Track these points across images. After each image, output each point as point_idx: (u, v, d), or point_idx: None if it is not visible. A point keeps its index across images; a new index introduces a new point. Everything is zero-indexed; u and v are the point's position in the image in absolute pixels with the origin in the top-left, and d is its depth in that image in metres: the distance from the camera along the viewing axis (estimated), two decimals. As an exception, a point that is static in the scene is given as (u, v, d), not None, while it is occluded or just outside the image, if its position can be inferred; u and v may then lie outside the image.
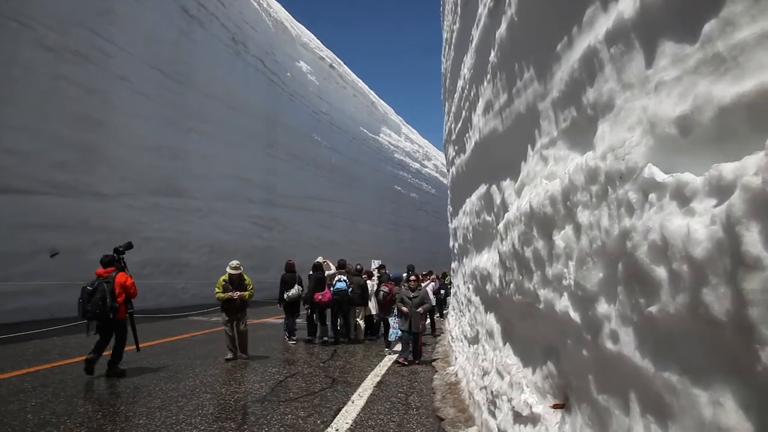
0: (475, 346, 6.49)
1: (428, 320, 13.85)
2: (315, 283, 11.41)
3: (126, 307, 7.31)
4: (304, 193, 30.60)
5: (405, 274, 11.17)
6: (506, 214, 4.20)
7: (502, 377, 4.25)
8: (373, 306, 12.42)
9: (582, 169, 2.44)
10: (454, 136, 9.22)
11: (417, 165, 52.33)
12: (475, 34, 5.81)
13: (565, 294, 2.70)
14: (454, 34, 8.15)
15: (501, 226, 4.26)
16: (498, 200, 5.07)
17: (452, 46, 8.71)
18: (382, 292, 11.36)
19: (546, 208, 2.90)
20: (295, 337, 11.51)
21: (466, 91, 6.93)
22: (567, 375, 2.91)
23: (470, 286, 7.42)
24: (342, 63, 37.64)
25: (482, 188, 6.08)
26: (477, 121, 5.96)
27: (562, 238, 2.72)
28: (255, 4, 25.75)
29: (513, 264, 3.78)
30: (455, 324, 9.82)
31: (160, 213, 18.32)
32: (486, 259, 5.76)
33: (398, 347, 9.92)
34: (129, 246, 8.03)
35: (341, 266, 12.07)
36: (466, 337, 7.64)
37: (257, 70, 25.72)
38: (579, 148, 2.82)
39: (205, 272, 20.30)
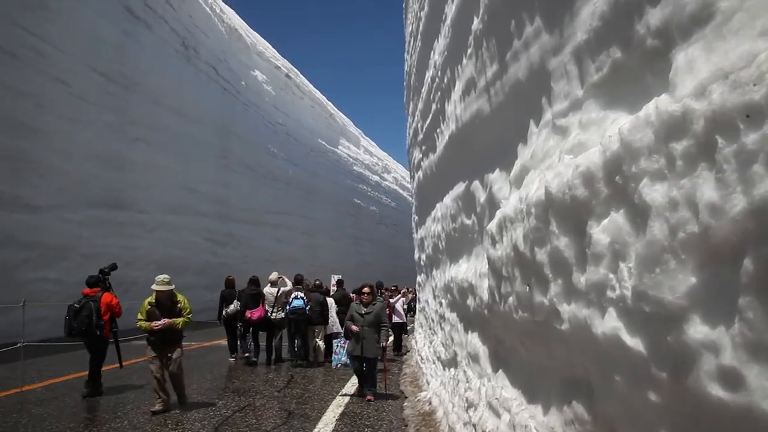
0: (453, 370, 5.64)
1: (390, 338, 12.99)
2: (247, 299, 10.91)
3: (110, 326, 7.57)
4: (260, 207, 29.38)
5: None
6: (499, 212, 3.39)
7: (499, 415, 3.40)
8: (332, 324, 11.48)
9: (649, 122, 1.63)
10: (420, 136, 8.44)
11: (376, 178, 51.64)
12: (450, 10, 5.05)
13: (612, 309, 1.87)
14: (422, 21, 7.39)
15: (492, 226, 3.44)
16: (482, 198, 4.27)
17: (419, 37, 7.96)
18: None
19: (575, 190, 2.09)
20: (234, 356, 11.26)
21: (437, 80, 6.15)
22: (611, 423, 2.07)
23: (443, 300, 6.59)
24: (299, 73, 36.72)
25: (459, 187, 5.28)
26: (452, 110, 5.18)
27: (605, 229, 1.90)
28: (207, 9, 24.65)
29: (514, 272, 2.95)
30: (424, 343, 8.97)
31: (102, 227, 16.89)
32: (466, 269, 4.94)
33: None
34: (114, 267, 8.39)
35: (298, 282, 11.09)
36: (439, 358, 6.79)
37: (209, 77, 24.56)
38: (625, 102, 2.02)
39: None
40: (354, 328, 7.52)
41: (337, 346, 8.74)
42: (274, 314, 11.08)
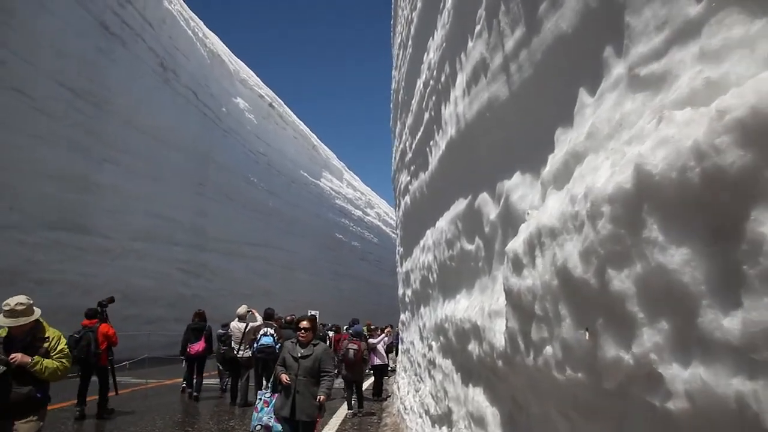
0: (447, 430, 4.58)
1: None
2: (189, 333, 10.81)
3: (107, 354, 8.34)
4: (238, 238, 28.19)
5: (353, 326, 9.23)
6: (525, 226, 2.42)
7: None
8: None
9: None
10: (409, 156, 7.55)
11: (359, 212, 50.71)
12: (451, -9, 4.19)
13: None
14: (413, 24, 6.57)
15: (516, 246, 2.45)
16: (493, 214, 3.33)
17: (409, 43, 7.14)
18: (351, 351, 9.77)
19: (718, 157, 1.13)
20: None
21: (431, 83, 5.27)
22: None
23: (434, 343, 5.58)
24: (282, 103, 36.00)
25: (459, 205, 4.33)
26: (452, 112, 4.27)
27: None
28: (189, 32, 23.88)
29: (557, 309, 1.96)
30: (408, 390, 7.88)
31: (60, 251, 15.61)
32: (466, 307, 3.95)
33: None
34: (111, 300, 9.24)
35: (268, 317, 9.97)
36: (427, 412, 5.72)
37: (188, 101, 23.64)
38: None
39: (117, 323, 17.23)
40: (284, 378, 5.09)
41: (260, 400, 5.84)
42: (241, 352, 9.94)
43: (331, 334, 19.31)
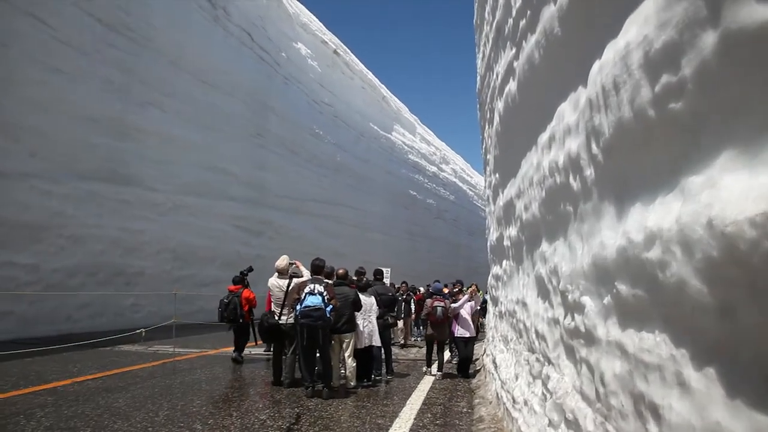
0: None
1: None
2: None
3: (249, 314, 9.64)
4: (303, 194, 26.16)
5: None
6: None
7: None
8: (368, 333, 7.96)
9: None
10: (510, 22, 4.77)
11: (434, 168, 47.69)
12: None
13: None
14: None
15: None
16: None
17: None
18: (439, 308, 8.81)
19: None
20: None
21: None
22: None
23: (587, 300, 2.88)
24: (348, 51, 33.30)
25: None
26: None
27: None
28: (241, -33, 21.60)
29: None
30: (517, 374, 5.26)
31: (97, 205, 13.88)
32: (755, 190, 1.29)
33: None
34: (250, 269, 10.26)
35: (316, 270, 7.52)
36: (572, 424, 3.09)
37: (242, 43, 21.44)
38: None
39: (167, 284, 15.68)
40: None
41: None
42: (284, 317, 7.66)
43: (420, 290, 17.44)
